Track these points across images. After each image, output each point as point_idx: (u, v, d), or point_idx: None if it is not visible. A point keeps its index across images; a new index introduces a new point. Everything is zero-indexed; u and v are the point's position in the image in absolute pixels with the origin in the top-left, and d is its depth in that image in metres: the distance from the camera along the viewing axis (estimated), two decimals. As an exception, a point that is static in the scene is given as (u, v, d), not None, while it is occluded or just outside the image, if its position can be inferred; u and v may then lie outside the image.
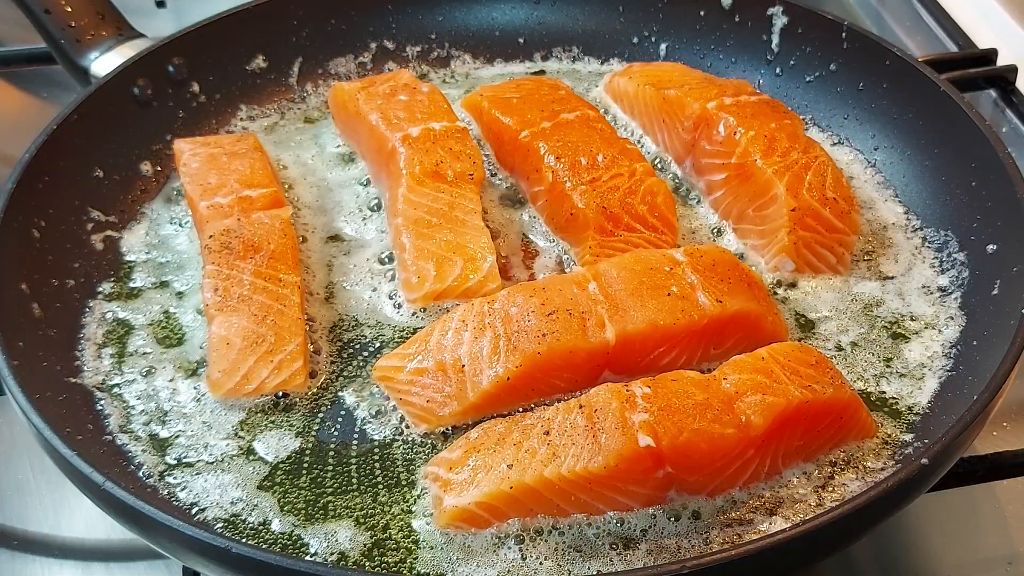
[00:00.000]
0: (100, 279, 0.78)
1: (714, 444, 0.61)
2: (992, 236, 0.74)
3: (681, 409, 0.61)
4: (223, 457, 0.66)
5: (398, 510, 0.63)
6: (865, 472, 0.64)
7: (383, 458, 0.66)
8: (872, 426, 0.66)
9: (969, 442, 0.61)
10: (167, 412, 0.69)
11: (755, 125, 0.80)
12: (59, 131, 0.80)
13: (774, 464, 0.64)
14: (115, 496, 0.57)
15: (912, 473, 0.57)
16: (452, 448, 0.64)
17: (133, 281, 0.78)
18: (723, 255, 0.72)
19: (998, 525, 0.69)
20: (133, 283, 0.78)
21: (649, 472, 0.60)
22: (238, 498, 0.64)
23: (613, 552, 0.60)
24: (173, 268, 0.79)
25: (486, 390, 0.66)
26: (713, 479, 0.62)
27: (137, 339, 0.74)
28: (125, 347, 0.73)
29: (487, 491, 0.60)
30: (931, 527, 0.69)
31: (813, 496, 0.63)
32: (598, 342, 0.67)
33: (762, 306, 0.71)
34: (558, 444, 0.61)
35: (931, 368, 0.70)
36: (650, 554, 0.60)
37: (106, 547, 0.70)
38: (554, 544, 0.60)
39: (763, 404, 0.62)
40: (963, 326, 0.72)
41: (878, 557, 0.67)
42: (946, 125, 0.81)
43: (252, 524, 0.63)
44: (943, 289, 0.75)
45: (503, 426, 0.64)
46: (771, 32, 0.92)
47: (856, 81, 0.88)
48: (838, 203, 0.76)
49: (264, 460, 0.66)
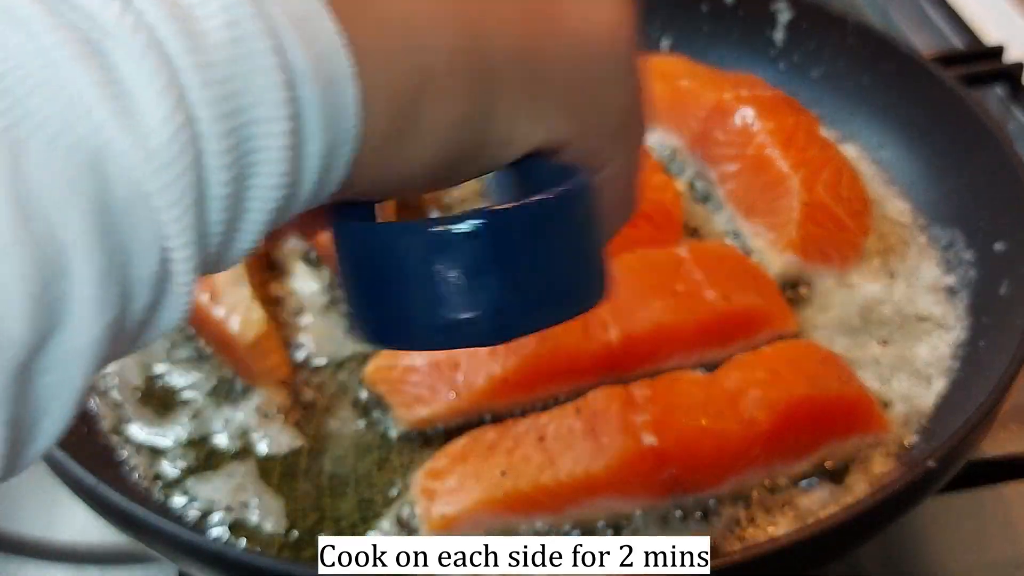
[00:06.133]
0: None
1: (719, 442, 0.60)
2: (999, 234, 0.73)
3: (684, 408, 0.61)
4: (218, 460, 0.66)
5: (392, 515, 0.62)
6: (871, 474, 0.63)
7: (379, 461, 0.66)
8: (884, 422, 0.65)
9: (977, 444, 0.60)
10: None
11: (774, 118, 0.79)
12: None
13: (780, 463, 0.63)
14: (108, 499, 0.57)
15: (919, 475, 0.56)
16: (439, 457, 0.63)
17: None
18: (729, 251, 0.71)
19: (1006, 528, 0.69)
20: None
21: (653, 473, 0.60)
22: (234, 501, 0.63)
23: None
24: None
25: (482, 388, 0.65)
26: (718, 479, 0.61)
27: (132, 339, 0.73)
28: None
29: (479, 499, 0.60)
30: (938, 530, 0.68)
31: (818, 498, 0.62)
32: (600, 343, 0.66)
33: (770, 302, 0.70)
34: (554, 449, 0.60)
35: (938, 368, 0.70)
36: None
37: (100, 550, 0.69)
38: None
39: (767, 401, 0.61)
40: (970, 326, 0.72)
41: (884, 560, 0.67)
42: (952, 122, 0.80)
43: (248, 527, 0.62)
44: (950, 288, 0.75)
45: (493, 434, 0.63)
46: (775, 27, 0.91)
47: (861, 77, 0.87)
48: (852, 203, 0.76)
49: (260, 462, 0.65)
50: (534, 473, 0.59)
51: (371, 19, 0.26)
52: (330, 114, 0.25)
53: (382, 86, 0.27)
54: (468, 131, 0.29)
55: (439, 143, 0.29)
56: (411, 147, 0.28)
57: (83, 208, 0.22)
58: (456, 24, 0.28)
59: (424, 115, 0.28)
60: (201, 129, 0.23)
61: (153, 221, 0.23)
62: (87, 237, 0.23)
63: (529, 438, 0.61)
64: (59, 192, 0.22)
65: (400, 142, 0.28)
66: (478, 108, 0.29)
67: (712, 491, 0.61)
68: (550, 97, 0.31)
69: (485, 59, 0.29)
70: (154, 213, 0.23)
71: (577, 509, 0.60)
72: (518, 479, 0.59)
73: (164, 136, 0.23)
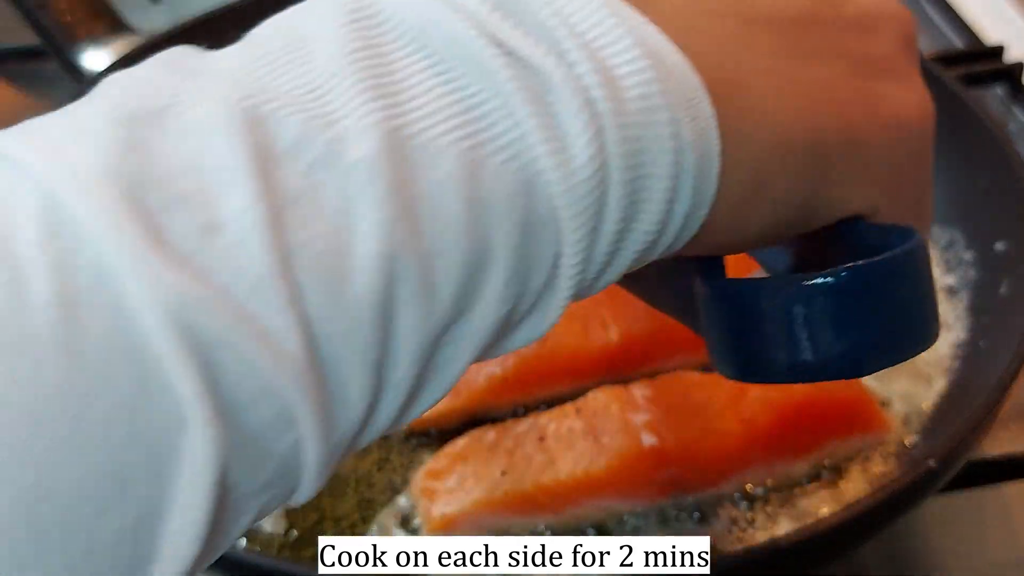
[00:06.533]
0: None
1: (719, 442, 0.60)
2: (999, 234, 0.73)
3: (684, 408, 0.61)
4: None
5: (392, 515, 0.62)
6: (871, 474, 0.63)
7: (379, 461, 0.65)
8: (884, 421, 0.65)
9: (977, 444, 0.60)
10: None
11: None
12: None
13: (780, 463, 0.63)
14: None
15: (919, 475, 0.56)
16: (439, 457, 0.63)
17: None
18: (728, 251, 0.71)
19: (1006, 528, 0.69)
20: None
21: (653, 473, 0.60)
22: (234, 501, 0.63)
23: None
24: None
25: (482, 388, 0.65)
26: (717, 479, 0.61)
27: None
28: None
29: (479, 499, 0.60)
30: (938, 530, 0.68)
31: (818, 498, 0.62)
32: (600, 343, 0.66)
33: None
34: (555, 449, 0.60)
35: (938, 368, 0.70)
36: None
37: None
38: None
39: (767, 401, 0.61)
40: (970, 326, 0.71)
41: (884, 561, 0.67)
42: (952, 122, 0.80)
43: (248, 527, 0.62)
44: (950, 288, 0.75)
45: (494, 434, 0.63)
46: (775, 27, 0.91)
47: (861, 77, 0.87)
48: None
49: (260, 462, 0.65)
50: (534, 473, 0.59)
51: (736, 107, 0.32)
52: (699, 182, 0.31)
53: (739, 164, 0.32)
54: (801, 201, 0.35)
55: (776, 212, 0.34)
56: (753, 215, 0.34)
57: (514, 219, 0.28)
58: (802, 115, 0.34)
59: (767, 189, 0.34)
60: (611, 174, 0.29)
61: (557, 241, 0.29)
62: (510, 240, 0.28)
63: (529, 438, 0.61)
64: (501, 203, 0.27)
65: (745, 210, 0.33)
66: (811, 183, 0.35)
67: (712, 491, 0.61)
68: (869, 172, 0.36)
69: (820, 144, 0.34)
70: (560, 234, 0.29)
71: (577, 509, 0.60)
72: (518, 479, 0.59)
73: (586, 174, 0.28)
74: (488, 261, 0.28)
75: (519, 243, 0.28)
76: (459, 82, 0.28)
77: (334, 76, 0.27)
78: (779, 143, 0.34)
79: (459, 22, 0.28)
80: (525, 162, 0.28)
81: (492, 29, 0.28)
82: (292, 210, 0.26)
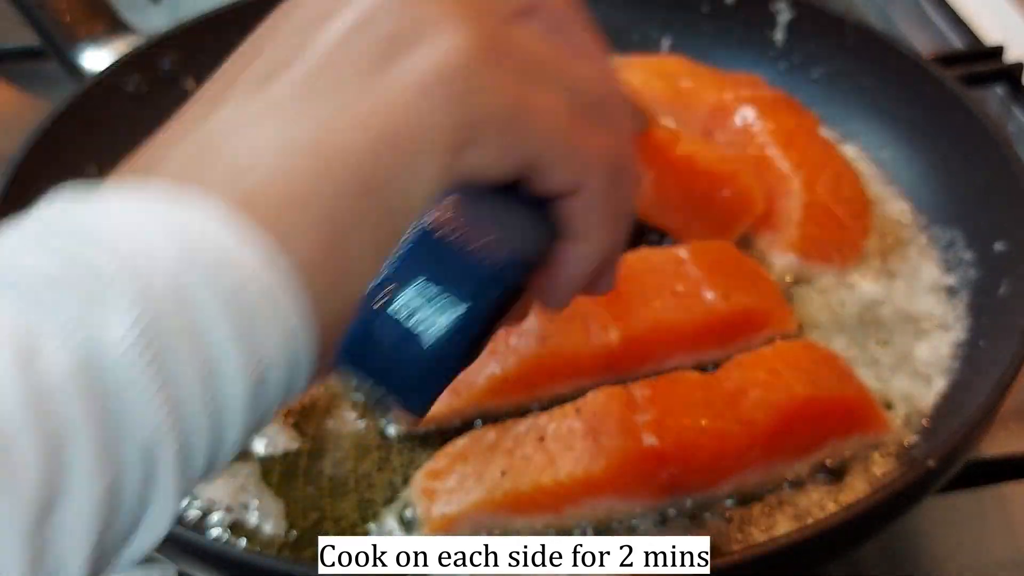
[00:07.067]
0: (95, 278, 0.77)
1: (719, 442, 0.60)
2: (999, 234, 0.73)
3: (684, 409, 0.61)
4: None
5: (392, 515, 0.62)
6: (871, 474, 0.63)
7: (379, 461, 0.65)
8: (885, 421, 0.65)
9: (977, 444, 0.60)
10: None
11: (774, 118, 0.79)
12: (53, 128, 0.78)
13: (780, 463, 0.63)
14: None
15: (919, 475, 0.56)
16: (439, 457, 0.63)
17: (128, 280, 0.78)
18: (728, 250, 0.71)
19: (1006, 528, 0.69)
20: (128, 282, 0.77)
21: (652, 474, 0.60)
22: (234, 501, 0.63)
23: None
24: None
25: (482, 388, 0.65)
26: (718, 479, 0.61)
27: (132, 339, 0.73)
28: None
29: (479, 499, 0.60)
30: (938, 530, 0.68)
31: (818, 498, 0.62)
32: (600, 343, 0.66)
33: (770, 302, 0.70)
34: (555, 449, 0.60)
35: (938, 368, 0.70)
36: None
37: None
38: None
39: (767, 401, 0.61)
40: (970, 326, 0.71)
41: (884, 560, 0.67)
42: (952, 122, 0.80)
43: (248, 527, 0.62)
44: (950, 288, 0.75)
45: (493, 434, 0.63)
46: (775, 28, 0.91)
47: (861, 78, 0.87)
48: (852, 203, 0.76)
49: (260, 463, 0.65)
50: (534, 473, 0.59)
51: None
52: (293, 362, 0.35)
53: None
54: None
55: (364, 257, 0.38)
56: (348, 293, 0.38)
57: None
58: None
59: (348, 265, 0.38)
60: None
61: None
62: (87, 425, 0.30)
63: (529, 438, 0.61)
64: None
65: (343, 306, 0.37)
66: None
67: (712, 491, 0.61)
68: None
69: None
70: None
71: (577, 509, 0.60)
72: (518, 479, 0.59)
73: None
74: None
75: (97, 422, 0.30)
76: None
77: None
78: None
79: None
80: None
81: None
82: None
